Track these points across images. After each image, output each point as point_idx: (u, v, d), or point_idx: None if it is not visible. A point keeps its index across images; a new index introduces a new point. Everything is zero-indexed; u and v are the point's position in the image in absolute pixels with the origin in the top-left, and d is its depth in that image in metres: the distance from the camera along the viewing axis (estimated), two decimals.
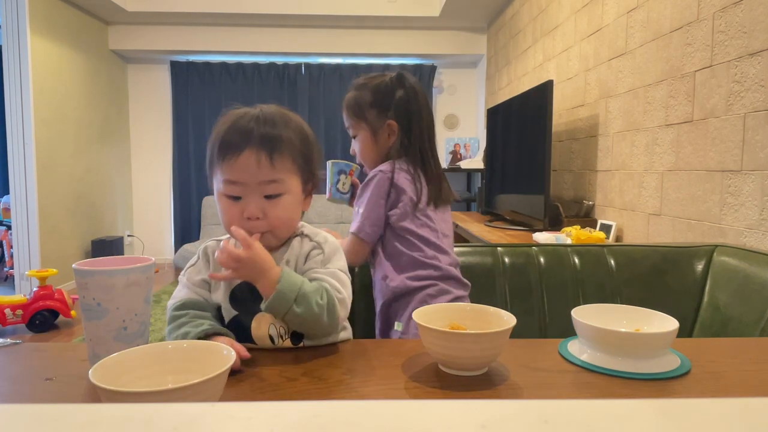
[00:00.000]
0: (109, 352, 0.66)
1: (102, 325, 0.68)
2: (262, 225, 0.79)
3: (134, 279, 0.68)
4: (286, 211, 0.81)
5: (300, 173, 0.83)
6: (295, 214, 0.84)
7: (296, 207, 0.83)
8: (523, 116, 2.85)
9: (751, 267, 1.15)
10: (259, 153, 0.78)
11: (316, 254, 0.84)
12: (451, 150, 5.22)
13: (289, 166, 0.81)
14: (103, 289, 0.67)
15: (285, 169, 0.80)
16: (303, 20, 4.82)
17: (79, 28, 4.47)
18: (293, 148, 0.82)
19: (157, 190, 5.38)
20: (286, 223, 0.82)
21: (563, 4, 2.95)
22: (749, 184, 1.54)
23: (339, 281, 0.80)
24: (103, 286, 0.67)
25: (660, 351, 0.70)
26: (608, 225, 2.26)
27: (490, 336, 0.66)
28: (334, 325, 0.78)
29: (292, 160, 0.81)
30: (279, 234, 0.83)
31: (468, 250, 1.32)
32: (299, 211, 0.85)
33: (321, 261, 0.83)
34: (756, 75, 1.51)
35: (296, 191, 0.83)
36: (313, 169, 0.86)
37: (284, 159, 0.80)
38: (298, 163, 0.82)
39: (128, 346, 0.68)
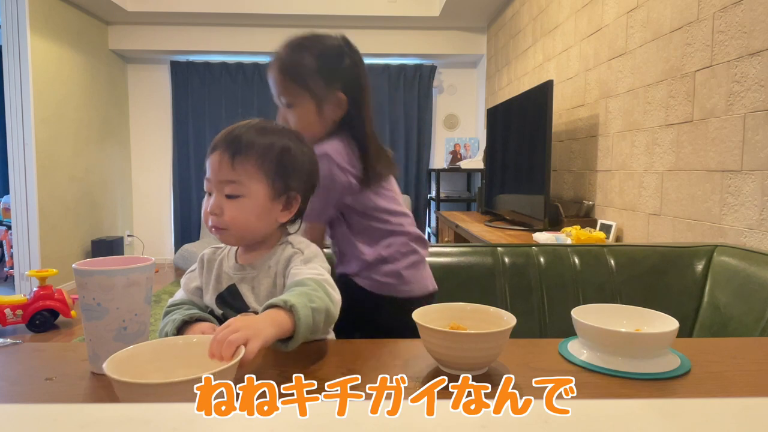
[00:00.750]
0: (109, 352, 0.66)
1: (102, 325, 0.68)
2: (219, 221, 0.84)
3: (134, 279, 0.69)
4: (242, 213, 0.83)
5: (268, 181, 0.85)
6: (257, 220, 0.85)
7: (258, 213, 0.85)
8: (523, 116, 2.85)
9: (751, 267, 1.15)
10: (223, 154, 0.84)
11: (297, 257, 0.86)
12: (451, 150, 5.23)
13: (252, 171, 0.84)
14: (103, 289, 0.67)
15: (246, 173, 0.83)
16: (303, 20, 4.81)
17: (79, 28, 4.47)
18: (262, 156, 0.84)
19: (157, 190, 5.38)
20: (243, 225, 0.84)
21: (563, 4, 2.95)
22: (749, 184, 1.54)
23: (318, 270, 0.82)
24: (102, 286, 0.67)
25: (660, 351, 0.70)
26: (608, 225, 2.26)
27: (490, 336, 0.66)
28: (336, 304, 0.77)
29: (257, 167, 0.84)
30: (236, 234, 0.85)
31: (468, 250, 1.32)
32: (265, 218, 0.86)
33: (302, 260, 0.85)
34: (756, 75, 1.51)
35: (259, 197, 0.84)
36: (291, 183, 0.87)
37: (247, 163, 0.83)
38: (265, 170, 0.84)
39: (128, 346, 0.68)
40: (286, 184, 0.87)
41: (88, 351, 0.69)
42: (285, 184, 0.87)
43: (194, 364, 0.58)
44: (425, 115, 5.35)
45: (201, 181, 0.88)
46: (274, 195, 0.86)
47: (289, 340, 0.70)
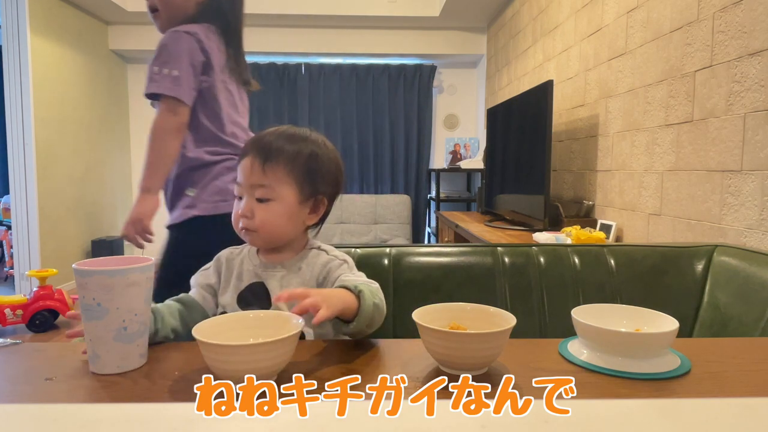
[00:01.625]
0: (108, 352, 0.67)
1: (101, 325, 0.68)
2: (250, 224, 0.88)
3: (134, 279, 0.69)
4: (272, 216, 0.88)
5: (297, 185, 0.89)
6: (286, 223, 0.89)
7: (287, 216, 0.89)
8: (523, 116, 2.85)
9: (751, 267, 1.15)
10: (254, 159, 0.88)
11: (339, 264, 0.91)
12: (451, 150, 5.23)
13: (282, 175, 0.88)
14: (103, 289, 0.67)
15: (276, 178, 0.88)
16: (303, 20, 4.82)
17: (79, 28, 4.47)
18: (291, 161, 0.89)
19: None
20: (273, 228, 0.89)
21: (563, 4, 2.95)
22: (749, 184, 1.54)
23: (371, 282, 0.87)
24: (102, 286, 0.67)
25: (660, 351, 0.70)
26: (608, 225, 2.26)
27: (490, 336, 0.66)
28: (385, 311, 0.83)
29: (287, 171, 0.88)
30: (266, 237, 0.90)
31: (468, 250, 1.32)
32: (294, 221, 0.91)
33: (348, 268, 0.91)
34: (756, 75, 1.51)
35: (289, 201, 0.89)
36: (318, 188, 0.92)
37: (277, 168, 0.88)
38: (295, 175, 0.89)
39: (128, 347, 0.68)
40: (314, 188, 0.92)
41: (88, 351, 0.69)
42: (313, 188, 0.91)
43: (262, 334, 0.67)
44: (425, 115, 5.35)
45: None
46: (303, 199, 0.91)
47: (349, 323, 0.77)
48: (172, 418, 0.47)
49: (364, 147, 5.35)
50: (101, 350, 0.68)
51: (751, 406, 0.42)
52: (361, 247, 1.29)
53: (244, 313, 0.74)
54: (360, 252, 1.28)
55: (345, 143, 5.34)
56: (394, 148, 5.37)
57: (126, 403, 0.55)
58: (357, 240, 4.87)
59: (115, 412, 0.48)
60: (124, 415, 0.45)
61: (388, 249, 1.30)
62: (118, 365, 0.69)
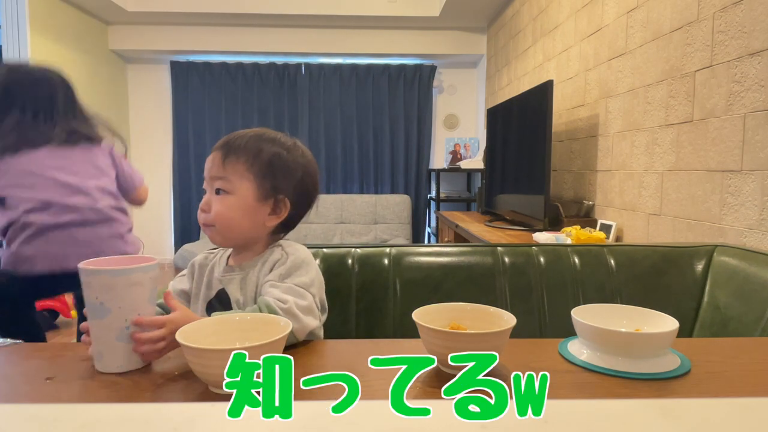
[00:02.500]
0: (112, 351, 0.67)
1: (104, 325, 0.68)
2: (207, 218, 0.89)
3: (136, 279, 0.69)
4: (227, 209, 0.88)
5: (256, 182, 0.89)
6: (241, 217, 0.88)
7: (243, 210, 0.88)
8: (523, 116, 2.85)
9: (751, 267, 1.15)
10: (216, 154, 0.90)
11: (278, 266, 0.87)
12: (451, 150, 5.23)
13: (242, 170, 0.88)
14: (106, 289, 0.67)
15: (235, 172, 0.88)
16: (303, 20, 4.82)
17: (79, 28, 4.47)
18: (252, 158, 0.89)
19: (157, 190, 5.38)
20: (227, 222, 0.88)
21: (563, 4, 2.95)
22: (749, 184, 1.54)
23: (292, 293, 0.82)
24: (105, 286, 0.67)
25: (660, 351, 0.70)
26: (608, 225, 2.26)
27: (490, 336, 0.66)
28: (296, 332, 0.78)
29: (246, 167, 0.89)
30: (222, 231, 0.89)
31: (468, 250, 1.32)
32: (251, 218, 0.89)
33: (279, 275, 0.85)
34: (756, 75, 1.51)
35: (245, 196, 0.88)
36: (279, 186, 0.91)
37: (237, 163, 0.88)
38: (254, 172, 0.89)
39: (130, 346, 0.68)
40: (274, 187, 0.90)
41: (93, 349, 0.70)
42: (273, 186, 0.90)
43: (248, 338, 0.67)
44: (425, 115, 5.35)
45: (201, 182, 0.90)
46: (261, 196, 0.89)
47: None
48: (172, 418, 0.47)
49: (364, 147, 5.35)
50: (104, 349, 0.69)
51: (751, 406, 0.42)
52: (361, 247, 1.29)
53: (230, 316, 0.73)
54: (360, 252, 1.28)
55: (345, 143, 5.34)
56: (394, 148, 5.37)
57: (126, 403, 0.55)
58: (357, 240, 4.87)
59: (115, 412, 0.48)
60: (124, 415, 0.45)
61: (388, 249, 1.30)
62: (119, 365, 0.69)
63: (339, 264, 1.25)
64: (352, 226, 4.98)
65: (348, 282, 1.24)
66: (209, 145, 5.24)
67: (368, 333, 1.24)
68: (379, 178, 5.40)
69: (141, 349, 0.69)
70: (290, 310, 0.79)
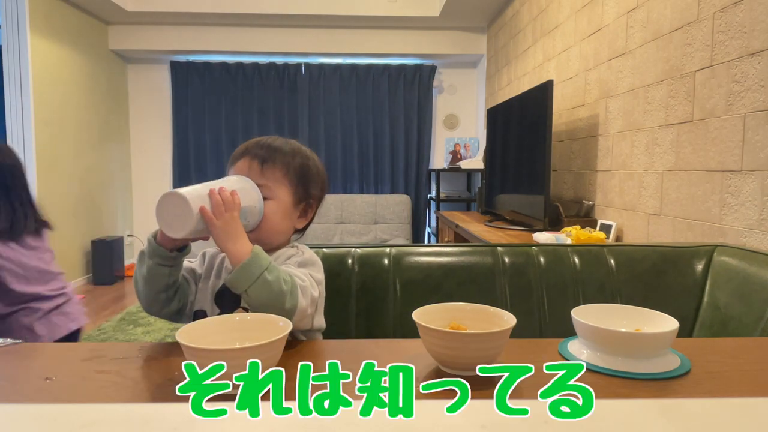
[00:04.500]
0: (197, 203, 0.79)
1: (209, 186, 0.82)
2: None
3: (250, 191, 0.86)
4: (270, 214, 0.91)
5: (291, 188, 0.94)
6: (280, 222, 0.93)
7: (281, 215, 0.93)
8: (523, 116, 2.85)
9: (751, 267, 1.15)
10: (252, 160, 0.92)
11: (296, 257, 0.93)
12: (451, 150, 5.23)
13: (279, 176, 0.93)
14: (232, 181, 0.86)
15: (274, 178, 0.92)
16: (303, 20, 4.82)
17: (79, 28, 4.47)
18: (287, 164, 0.94)
19: (157, 190, 5.36)
20: (270, 226, 0.92)
21: (563, 4, 2.95)
22: (749, 184, 1.54)
23: (307, 277, 0.87)
24: (236, 179, 0.87)
25: (660, 351, 0.70)
26: (608, 225, 2.26)
27: (490, 336, 0.66)
28: (292, 310, 0.80)
29: (283, 173, 0.93)
30: (262, 235, 0.92)
31: (468, 250, 1.32)
32: (286, 221, 0.95)
33: (297, 262, 0.91)
34: (756, 75, 1.51)
35: (284, 201, 0.93)
36: (310, 192, 0.97)
37: (275, 170, 0.93)
38: (290, 178, 0.94)
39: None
40: (306, 193, 0.97)
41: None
42: (306, 191, 0.96)
43: (248, 337, 0.67)
44: (425, 115, 5.35)
45: (200, 181, 0.90)
46: (296, 201, 0.95)
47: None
48: (172, 418, 0.47)
49: (364, 147, 5.35)
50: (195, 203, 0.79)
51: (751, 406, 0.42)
52: (361, 247, 1.29)
53: (229, 316, 0.74)
54: (360, 252, 1.28)
55: (345, 143, 5.34)
56: (394, 148, 5.36)
57: (126, 403, 0.55)
58: (357, 240, 4.87)
59: (115, 412, 0.48)
60: (124, 415, 0.45)
61: (388, 249, 1.30)
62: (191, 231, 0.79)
63: (339, 264, 1.25)
64: (352, 226, 4.98)
65: (348, 282, 1.23)
66: (209, 145, 5.24)
67: (368, 333, 1.24)
68: (379, 178, 5.40)
69: (214, 196, 0.80)
70: (306, 289, 0.83)
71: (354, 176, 5.36)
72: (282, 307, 0.78)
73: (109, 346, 0.80)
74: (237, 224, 0.81)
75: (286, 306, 0.79)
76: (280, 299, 0.78)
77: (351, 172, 5.37)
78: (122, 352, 0.77)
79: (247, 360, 0.60)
